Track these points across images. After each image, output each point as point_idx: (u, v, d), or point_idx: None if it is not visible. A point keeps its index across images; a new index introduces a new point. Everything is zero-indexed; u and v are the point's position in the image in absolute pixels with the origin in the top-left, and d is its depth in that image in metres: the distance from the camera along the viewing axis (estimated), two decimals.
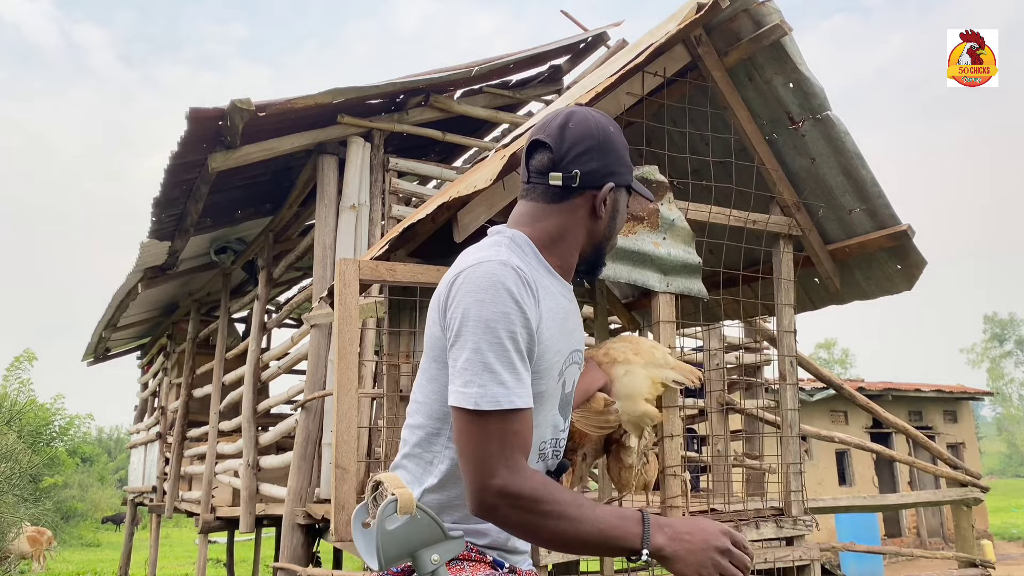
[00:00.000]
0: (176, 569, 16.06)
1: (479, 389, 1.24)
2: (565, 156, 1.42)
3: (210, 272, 8.25)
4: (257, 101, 4.58)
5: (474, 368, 1.24)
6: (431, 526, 1.26)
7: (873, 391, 13.63)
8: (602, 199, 1.43)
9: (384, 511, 1.24)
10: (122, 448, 37.57)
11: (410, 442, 1.41)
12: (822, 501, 4.95)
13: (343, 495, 2.41)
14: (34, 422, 18.71)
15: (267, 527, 9.08)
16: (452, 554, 1.28)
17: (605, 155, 1.44)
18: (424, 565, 1.25)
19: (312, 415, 4.99)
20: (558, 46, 6.48)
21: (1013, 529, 18.09)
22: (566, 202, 1.43)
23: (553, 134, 1.44)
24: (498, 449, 1.24)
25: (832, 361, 46.14)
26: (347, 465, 2.39)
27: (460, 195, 2.55)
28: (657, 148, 3.34)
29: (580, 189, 1.42)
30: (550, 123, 1.46)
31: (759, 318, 4.28)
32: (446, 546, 1.27)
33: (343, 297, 2.53)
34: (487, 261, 1.30)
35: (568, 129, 1.43)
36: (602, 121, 1.47)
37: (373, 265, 2.58)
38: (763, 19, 3.19)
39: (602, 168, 1.43)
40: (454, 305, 1.29)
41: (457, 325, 1.27)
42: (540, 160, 1.45)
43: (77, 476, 27.73)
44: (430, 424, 1.38)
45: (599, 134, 1.44)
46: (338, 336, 2.50)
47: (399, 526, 1.24)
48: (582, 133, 1.43)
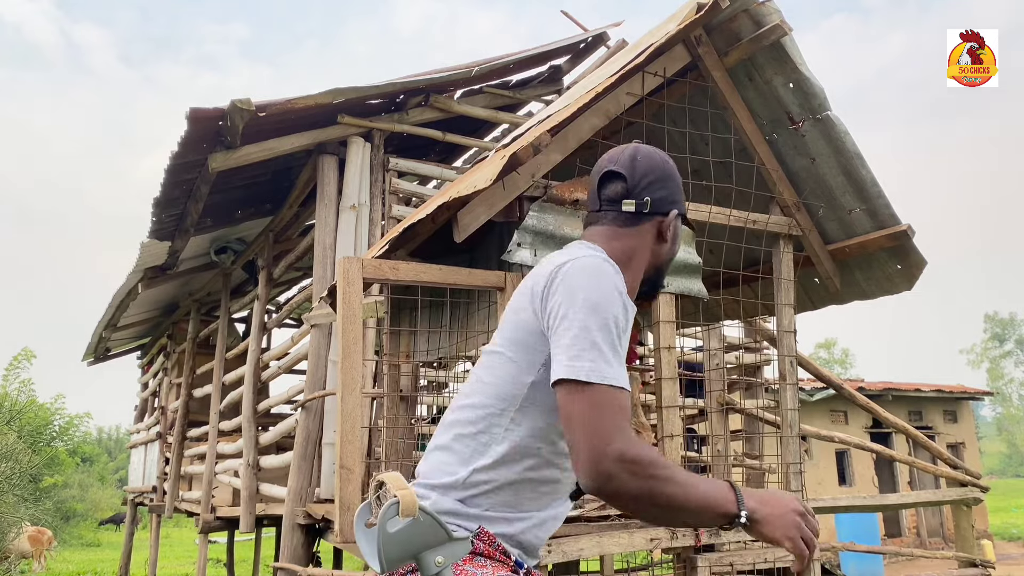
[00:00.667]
0: (176, 569, 16.06)
1: (590, 363, 1.29)
2: (637, 185, 1.60)
3: (210, 272, 8.25)
4: (257, 101, 4.57)
5: (582, 344, 1.30)
6: (434, 528, 1.25)
7: (873, 391, 13.63)
8: (668, 224, 1.60)
9: (386, 513, 1.23)
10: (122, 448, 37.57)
11: (463, 421, 1.44)
12: (822, 501, 4.96)
13: (347, 495, 2.39)
14: (34, 422, 18.70)
15: (267, 527, 9.08)
16: (457, 556, 1.27)
17: (670, 185, 1.64)
18: (428, 567, 1.24)
19: (312, 415, 4.99)
20: (558, 46, 6.48)
21: (1013, 529, 18.08)
22: (635, 227, 1.59)
23: (626, 165, 1.62)
24: (611, 419, 1.27)
25: (832, 361, 46.13)
26: (351, 465, 2.37)
27: (460, 195, 2.55)
28: (657, 148, 3.33)
29: (649, 215, 1.60)
30: (619, 157, 1.65)
31: (759, 318, 4.28)
32: (451, 548, 1.27)
33: (347, 296, 2.51)
34: (592, 256, 1.42)
35: (638, 161, 1.62)
36: (663, 155, 1.68)
37: (376, 263, 2.57)
38: (763, 19, 3.19)
39: (668, 196, 1.62)
40: (561, 289, 1.36)
41: (564, 307, 1.34)
42: (614, 189, 1.61)
43: (77, 476, 27.72)
44: (495, 404, 1.42)
45: (665, 166, 1.66)
46: (341, 335, 2.48)
47: (401, 528, 1.22)
48: (651, 165, 1.63)
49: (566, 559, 3.38)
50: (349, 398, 2.43)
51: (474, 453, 1.41)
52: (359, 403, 2.45)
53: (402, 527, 1.22)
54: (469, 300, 3.15)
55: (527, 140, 2.65)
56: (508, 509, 1.40)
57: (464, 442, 1.42)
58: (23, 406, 17.90)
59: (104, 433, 44.77)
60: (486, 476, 1.39)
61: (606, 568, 6.09)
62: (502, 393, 1.42)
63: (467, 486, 1.38)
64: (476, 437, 1.42)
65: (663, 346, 3.30)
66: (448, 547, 1.26)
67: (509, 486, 1.40)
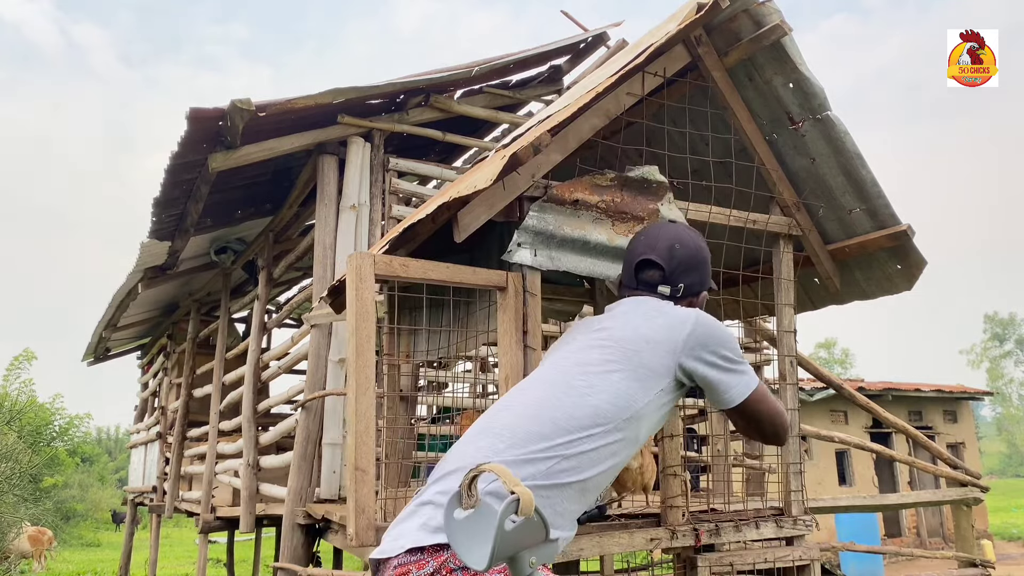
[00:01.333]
0: (176, 569, 16.05)
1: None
2: (673, 273, 1.86)
3: (210, 272, 8.24)
4: (257, 101, 4.57)
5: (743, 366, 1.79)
6: (540, 529, 1.21)
7: (873, 391, 13.63)
8: (698, 304, 1.91)
9: (506, 509, 1.17)
10: (122, 448, 37.55)
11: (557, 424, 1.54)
12: (822, 501, 4.96)
13: (363, 497, 2.33)
14: (34, 422, 18.70)
15: (267, 527, 9.07)
16: (548, 558, 1.26)
17: (702, 271, 1.92)
18: (523, 568, 1.21)
19: (312, 415, 4.99)
20: (558, 46, 6.47)
21: (1013, 529, 18.08)
22: (688, 304, 1.90)
23: (663, 255, 1.88)
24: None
25: (832, 361, 46.13)
26: (366, 467, 2.33)
27: (460, 195, 2.55)
28: (657, 148, 3.33)
29: (685, 296, 1.88)
30: (657, 243, 1.90)
31: (759, 318, 4.28)
32: (544, 549, 1.24)
33: (359, 292, 2.45)
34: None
35: (675, 251, 1.88)
36: (698, 242, 1.94)
37: (387, 260, 2.54)
38: (763, 19, 3.19)
39: (700, 281, 1.91)
40: (708, 336, 1.74)
41: (716, 347, 1.74)
42: (651, 275, 1.89)
43: (77, 476, 27.71)
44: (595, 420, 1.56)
45: (699, 254, 1.92)
46: (355, 333, 2.43)
47: (516, 526, 1.17)
48: (687, 255, 1.89)
49: (566, 559, 3.39)
50: (363, 398, 2.39)
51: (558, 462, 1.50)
52: (373, 403, 2.41)
53: (517, 525, 1.18)
54: (469, 300, 3.14)
55: (527, 140, 2.65)
56: (565, 522, 1.52)
57: (549, 449, 1.50)
58: (23, 406, 17.89)
59: (104, 433, 44.75)
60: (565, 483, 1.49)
61: (606, 568, 6.09)
62: (603, 410, 1.56)
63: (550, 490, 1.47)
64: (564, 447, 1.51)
65: None
66: (543, 548, 1.24)
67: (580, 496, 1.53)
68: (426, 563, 1.37)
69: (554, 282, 3.49)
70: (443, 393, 5.61)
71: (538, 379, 1.71)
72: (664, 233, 1.93)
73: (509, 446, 1.49)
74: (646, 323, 1.73)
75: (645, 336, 1.69)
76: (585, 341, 1.76)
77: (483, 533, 1.17)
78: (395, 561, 1.40)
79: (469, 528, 1.20)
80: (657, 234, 1.94)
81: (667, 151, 3.34)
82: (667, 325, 1.72)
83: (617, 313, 1.86)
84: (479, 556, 1.16)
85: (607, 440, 1.55)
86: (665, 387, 1.67)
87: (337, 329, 5.06)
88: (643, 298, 1.86)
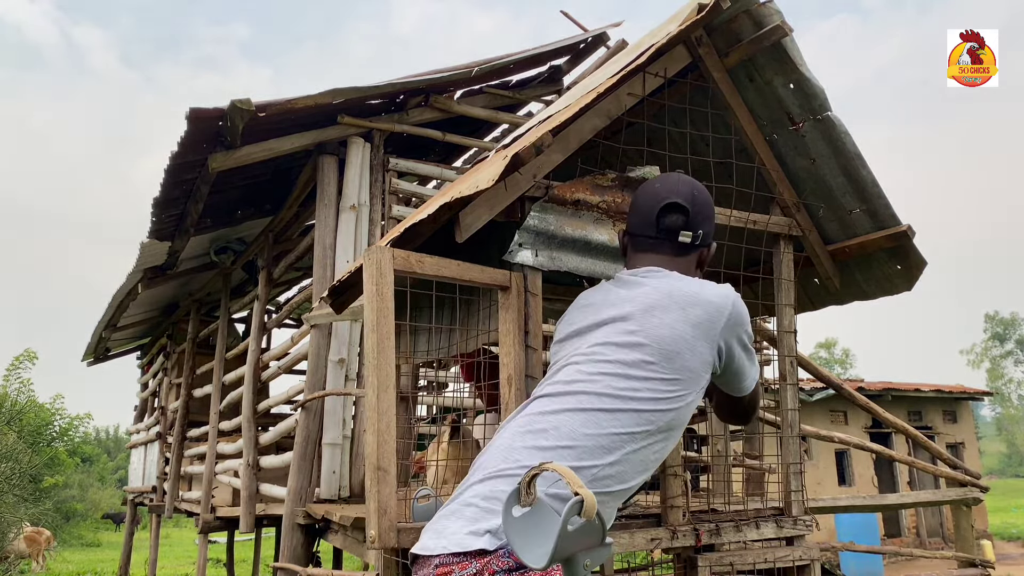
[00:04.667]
0: (176, 569, 16.05)
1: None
2: (695, 218, 1.77)
3: (210, 272, 8.24)
4: (257, 101, 4.57)
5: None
6: (598, 532, 1.21)
7: (873, 391, 13.63)
8: (708, 256, 1.84)
9: (570, 510, 1.17)
10: (122, 448, 37.53)
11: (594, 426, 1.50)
12: (822, 501, 4.96)
13: (384, 497, 2.27)
14: (34, 422, 18.69)
15: (267, 527, 9.07)
16: (601, 560, 1.25)
17: (713, 221, 1.83)
18: (577, 570, 1.21)
19: (312, 415, 4.99)
20: (558, 46, 6.47)
21: (1013, 529, 18.09)
22: (685, 256, 1.79)
23: (687, 198, 1.78)
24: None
25: (832, 361, 46.16)
26: (387, 467, 2.28)
27: (462, 195, 2.55)
28: (658, 149, 3.33)
29: (699, 246, 1.80)
30: (678, 187, 1.80)
31: (759, 318, 4.28)
32: (598, 552, 1.24)
33: (379, 288, 2.37)
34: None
35: (696, 196, 1.78)
36: (707, 190, 1.84)
37: (405, 255, 2.49)
38: (764, 20, 3.19)
39: (713, 231, 1.84)
40: (743, 316, 1.72)
41: (748, 327, 1.72)
42: (674, 220, 1.78)
43: (77, 476, 27.72)
44: (633, 421, 1.51)
45: (710, 202, 1.82)
46: (375, 330, 2.35)
47: (577, 528, 1.18)
48: (705, 200, 1.80)
49: None
50: (384, 395, 2.33)
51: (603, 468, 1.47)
52: (394, 401, 2.34)
53: (578, 527, 1.18)
54: (470, 300, 3.14)
55: (529, 140, 2.65)
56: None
57: (590, 452, 1.47)
58: (23, 406, 17.88)
59: (104, 433, 44.73)
60: (610, 491, 1.47)
61: (606, 568, 6.08)
62: (645, 414, 1.52)
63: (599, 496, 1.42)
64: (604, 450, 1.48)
65: None
66: (598, 551, 1.23)
67: (618, 501, 1.53)
68: (468, 564, 1.35)
69: (554, 282, 3.50)
70: (443, 393, 5.61)
71: (573, 375, 1.60)
72: (681, 179, 1.85)
73: (555, 446, 1.46)
74: (683, 318, 1.62)
75: (683, 336, 1.60)
76: (615, 335, 1.63)
77: (544, 532, 1.17)
78: (437, 560, 1.39)
79: (527, 526, 1.20)
80: (676, 180, 1.84)
81: (668, 151, 3.34)
82: (707, 317, 1.64)
83: (641, 296, 1.70)
84: (539, 555, 1.17)
85: (650, 441, 1.52)
86: (704, 382, 1.65)
87: (337, 329, 5.07)
88: (666, 275, 1.72)
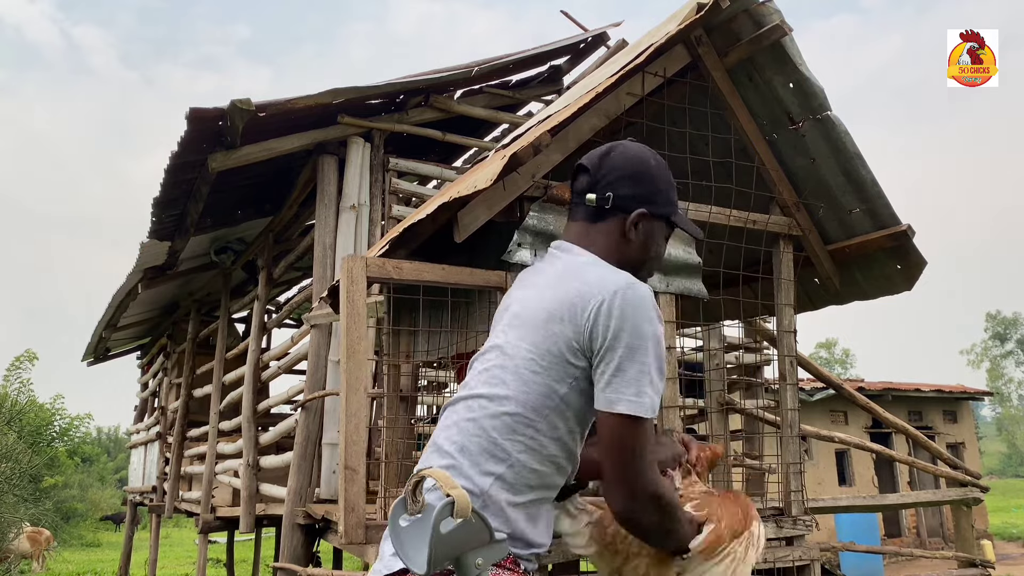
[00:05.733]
0: (176, 569, 16.06)
1: (649, 400, 1.36)
2: (601, 180, 1.56)
3: (210, 272, 8.24)
4: (257, 101, 4.57)
5: (645, 380, 1.35)
6: (482, 530, 1.22)
7: (873, 391, 13.63)
8: (631, 223, 1.55)
9: (440, 513, 1.19)
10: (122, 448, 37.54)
11: (487, 427, 1.42)
12: (822, 501, 4.96)
13: (352, 496, 2.37)
14: (34, 422, 18.68)
15: (267, 527, 9.07)
16: (496, 558, 1.26)
17: (639, 183, 1.57)
18: (468, 569, 1.21)
19: (312, 415, 4.99)
20: (558, 46, 6.47)
21: (1013, 529, 18.08)
22: (602, 223, 1.57)
23: (594, 161, 1.60)
24: (647, 454, 1.37)
25: (832, 361, 46.17)
26: (356, 466, 2.37)
27: (461, 195, 2.55)
28: (657, 148, 3.32)
29: (613, 211, 1.56)
30: (595, 151, 1.62)
31: (759, 318, 4.27)
32: (490, 550, 1.24)
33: (351, 295, 2.50)
34: (637, 284, 1.42)
35: (608, 157, 1.59)
36: (644, 153, 1.61)
37: (380, 262, 2.57)
38: (763, 19, 3.19)
39: (635, 194, 1.56)
40: (619, 317, 1.37)
41: (625, 338, 1.36)
42: (580, 182, 1.61)
43: (77, 476, 27.70)
44: (524, 412, 1.41)
45: (637, 163, 1.58)
46: (346, 335, 2.48)
47: (453, 529, 1.19)
48: (620, 162, 1.58)
49: (566, 559, 3.38)
50: (353, 398, 2.42)
51: (490, 459, 1.40)
52: (364, 403, 2.44)
53: (454, 528, 1.19)
54: (469, 300, 3.14)
55: (528, 140, 2.65)
56: (525, 517, 1.41)
57: (481, 445, 1.41)
58: (23, 406, 17.88)
59: (104, 433, 44.74)
60: (500, 487, 1.39)
61: None
62: (531, 403, 1.41)
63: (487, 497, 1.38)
64: (497, 442, 1.41)
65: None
66: (488, 549, 1.24)
67: (529, 491, 1.41)
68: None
69: None
70: (443, 393, 5.61)
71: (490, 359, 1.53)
72: (609, 144, 1.64)
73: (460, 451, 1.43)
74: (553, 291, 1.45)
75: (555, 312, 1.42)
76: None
77: (422, 537, 1.18)
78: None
79: (411, 534, 1.21)
80: (604, 146, 1.65)
81: (667, 151, 3.34)
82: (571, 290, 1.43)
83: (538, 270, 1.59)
84: (419, 562, 1.18)
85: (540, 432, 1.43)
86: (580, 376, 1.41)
87: (337, 329, 5.07)
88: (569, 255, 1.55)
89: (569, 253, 1.57)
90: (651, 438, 1.39)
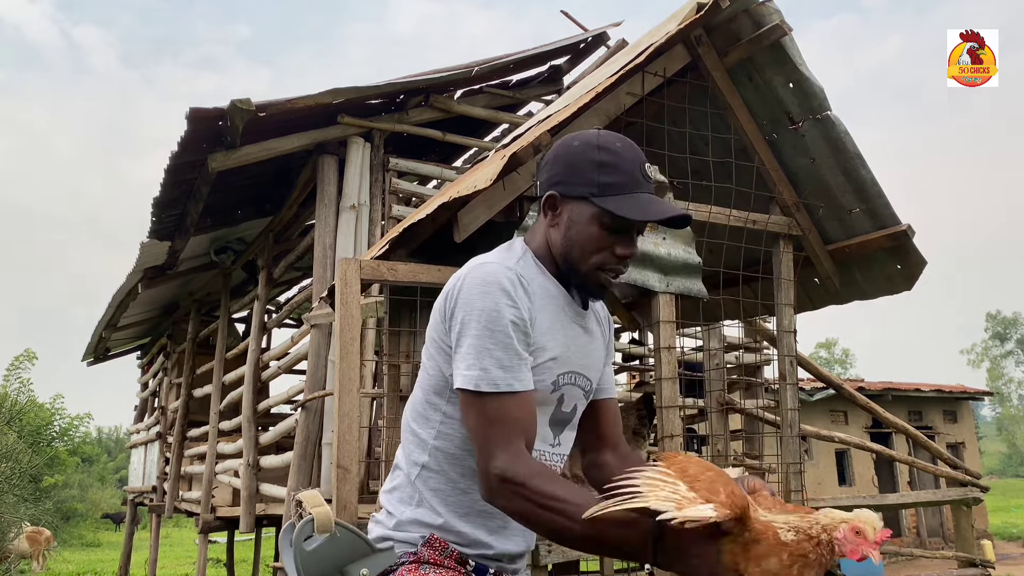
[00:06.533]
0: (176, 569, 16.06)
1: (480, 372, 1.28)
2: (543, 168, 1.47)
3: (210, 272, 8.24)
4: (257, 101, 4.57)
5: (476, 352, 1.29)
6: (354, 542, 1.25)
7: (873, 391, 13.63)
8: (543, 206, 1.44)
9: (301, 531, 1.23)
10: (122, 448, 37.55)
11: (408, 419, 1.44)
12: (822, 501, 4.96)
13: (345, 495, 2.39)
14: (34, 422, 18.68)
15: (267, 527, 9.08)
16: (382, 566, 1.26)
17: (555, 165, 1.44)
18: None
19: (312, 415, 4.99)
20: (558, 46, 6.48)
21: (1013, 529, 18.08)
22: (543, 213, 1.47)
23: (550, 151, 1.53)
24: (498, 433, 1.26)
25: (832, 361, 46.18)
26: (348, 465, 2.38)
27: (460, 195, 2.55)
28: (657, 148, 3.33)
29: (541, 199, 1.46)
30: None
31: (759, 318, 4.28)
32: (375, 560, 1.26)
33: (344, 296, 2.52)
34: (488, 264, 1.38)
35: (557, 147, 1.47)
36: (577, 137, 1.45)
37: (374, 264, 2.58)
38: (763, 19, 3.19)
39: (551, 178, 1.43)
40: (458, 298, 1.34)
41: (461, 315, 1.32)
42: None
43: (77, 476, 27.70)
44: (424, 397, 1.41)
45: (559, 147, 1.46)
46: (340, 336, 2.50)
47: (319, 545, 1.23)
48: (559, 149, 1.46)
49: (566, 559, 3.39)
50: (346, 398, 2.44)
51: (417, 449, 1.40)
52: (356, 403, 2.47)
53: (319, 544, 1.23)
54: None
55: (527, 140, 2.65)
56: (457, 515, 1.36)
57: (410, 437, 1.42)
58: (23, 406, 17.88)
59: (104, 433, 44.74)
60: (430, 476, 1.37)
61: (606, 568, 6.08)
62: (428, 386, 1.41)
63: (414, 488, 1.38)
64: (417, 433, 1.41)
65: (663, 346, 3.30)
66: (373, 559, 1.25)
67: (450, 489, 1.37)
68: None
69: None
70: None
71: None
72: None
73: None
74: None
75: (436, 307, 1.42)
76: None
77: (290, 556, 1.23)
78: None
79: (287, 553, 1.26)
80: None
81: (667, 151, 3.34)
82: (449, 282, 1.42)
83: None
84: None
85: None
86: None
87: (335, 330, 5.07)
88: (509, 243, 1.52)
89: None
90: (502, 415, 1.26)
